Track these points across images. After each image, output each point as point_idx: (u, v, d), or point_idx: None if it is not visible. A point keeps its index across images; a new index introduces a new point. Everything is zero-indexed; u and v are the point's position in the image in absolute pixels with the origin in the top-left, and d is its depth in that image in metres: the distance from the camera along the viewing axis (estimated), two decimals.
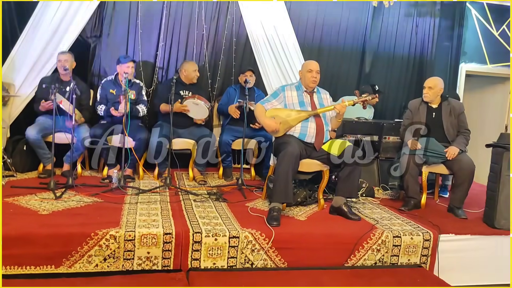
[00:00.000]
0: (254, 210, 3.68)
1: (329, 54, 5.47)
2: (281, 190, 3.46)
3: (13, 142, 4.48)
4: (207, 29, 5.08)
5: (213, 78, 5.24)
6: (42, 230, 2.86)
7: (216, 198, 3.97)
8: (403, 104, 5.75)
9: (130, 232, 2.93)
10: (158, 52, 4.99)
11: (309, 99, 3.87)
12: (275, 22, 5.11)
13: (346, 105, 3.70)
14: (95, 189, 3.96)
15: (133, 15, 4.89)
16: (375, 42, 5.58)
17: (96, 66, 4.93)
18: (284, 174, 3.46)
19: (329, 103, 3.96)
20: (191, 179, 4.69)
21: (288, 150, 3.47)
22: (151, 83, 5.05)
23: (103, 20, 4.85)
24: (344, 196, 3.68)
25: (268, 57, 5.21)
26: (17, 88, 4.59)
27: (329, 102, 3.98)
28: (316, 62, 3.90)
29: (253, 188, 4.44)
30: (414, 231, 3.39)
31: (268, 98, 3.92)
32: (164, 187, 4.16)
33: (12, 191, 3.71)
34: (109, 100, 4.51)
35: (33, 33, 4.57)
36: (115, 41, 4.91)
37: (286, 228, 3.28)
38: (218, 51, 5.19)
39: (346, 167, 3.64)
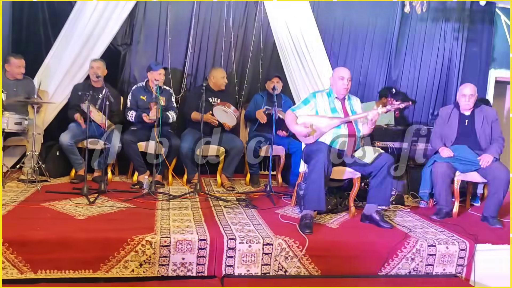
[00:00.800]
0: (285, 217, 3.67)
1: (356, 60, 5.45)
2: (313, 198, 3.45)
3: (46, 148, 4.57)
4: (235, 36, 5.12)
5: (240, 85, 5.28)
6: (80, 235, 2.91)
7: (245, 205, 3.98)
8: (431, 111, 5.70)
9: (166, 238, 2.95)
10: (187, 59, 5.06)
11: (340, 106, 3.85)
12: (302, 28, 5.11)
13: (379, 113, 3.68)
14: (126, 195, 4.01)
15: (163, 22, 4.97)
16: (403, 48, 5.55)
17: (126, 73, 5.01)
18: (316, 181, 3.45)
19: (361, 110, 3.94)
20: (219, 185, 4.71)
21: (320, 157, 3.47)
22: (180, 90, 5.11)
23: (133, 28, 4.94)
24: (376, 204, 3.65)
25: (295, 64, 5.21)
26: (50, 95, 4.69)
27: (361, 109, 3.96)
28: (347, 69, 3.88)
29: (281, 195, 4.44)
30: (449, 240, 3.34)
31: (299, 105, 3.92)
32: (194, 193, 4.19)
33: (48, 196, 3.78)
34: (140, 107, 4.57)
35: (66, 41, 4.68)
36: (145, 49, 4.99)
37: (319, 236, 3.27)
38: (246, 58, 5.22)
39: (379, 174, 3.61)
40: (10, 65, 4.33)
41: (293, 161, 4.80)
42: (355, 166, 3.74)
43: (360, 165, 3.71)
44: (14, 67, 4.33)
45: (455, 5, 5.50)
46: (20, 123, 4.12)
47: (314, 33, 5.15)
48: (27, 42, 4.81)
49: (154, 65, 4.59)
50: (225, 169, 4.73)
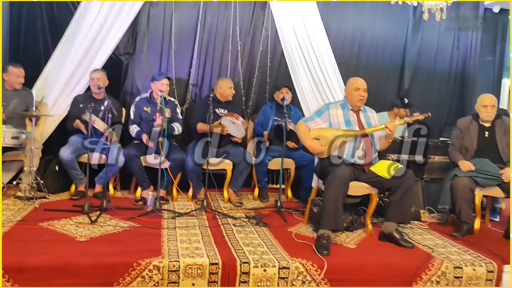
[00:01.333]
0: (299, 237, 3.46)
1: (367, 70, 5.27)
2: (330, 216, 3.25)
3: (45, 163, 4.36)
4: (241, 46, 4.95)
5: (248, 95, 5.09)
6: (83, 259, 2.69)
7: (256, 223, 3.77)
8: (444, 122, 5.52)
9: (174, 262, 2.74)
10: (192, 69, 4.86)
11: (355, 118, 3.67)
12: (311, 36, 4.94)
13: (397, 125, 3.49)
14: (130, 212, 3.80)
15: (167, 31, 4.79)
16: (415, 57, 5.38)
17: (128, 83, 4.81)
18: (333, 199, 3.25)
19: (376, 122, 3.76)
20: (226, 201, 4.50)
21: (338, 173, 3.27)
22: (184, 101, 4.91)
23: (136, 37, 4.75)
24: (395, 221, 3.45)
25: (303, 74, 5.03)
26: (49, 107, 4.49)
27: (376, 121, 3.77)
28: (363, 80, 3.71)
29: (292, 211, 4.23)
30: (475, 261, 3.14)
31: (312, 116, 3.72)
32: (200, 210, 3.97)
33: (46, 215, 3.57)
34: (143, 119, 4.36)
35: (66, 50, 4.48)
36: (148, 59, 4.80)
37: (337, 258, 3.06)
38: (253, 67, 5.04)
39: (398, 190, 3.41)
40: (9, 74, 4.11)
41: (304, 174, 4.60)
42: (372, 181, 3.54)
43: (377, 180, 3.50)
44: (13, 77, 4.11)
45: (469, 13, 5.33)
46: (18, 137, 3.91)
47: (323, 42, 4.99)
48: (25, 51, 4.60)
49: (158, 74, 4.40)
50: (233, 183, 4.52)
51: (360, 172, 3.55)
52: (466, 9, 5.34)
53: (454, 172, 3.93)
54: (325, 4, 5.04)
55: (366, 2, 5.16)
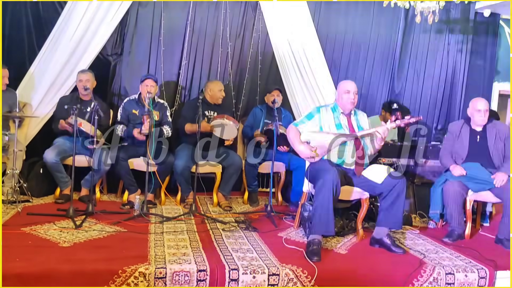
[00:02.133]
0: (289, 242, 3.40)
1: (358, 72, 5.23)
2: (321, 222, 3.19)
3: (29, 165, 4.25)
4: (231, 47, 4.87)
5: (238, 97, 5.01)
6: (65, 266, 2.59)
7: (245, 227, 3.70)
8: (434, 125, 5.49)
9: (161, 268, 2.65)
10: (181, 70, 4.78)
11: (346, 122, 3.61)
12: (302, 39, 4.90)
13: (388, 128, 3.45)
14: (116, 217, 3.71)
15: (156, 32, 4.70)
16: (406, 60, 5.35)
17: (116, 85, 4.72)
18: (324, 204, 3.18)
19: (368, 125, 3.71)
20: (215, 205, 4.42)
21: (328, 177, 3.21)
22: (174, 103, 4.82)
23: (124, 38, 4.65)
24: (387, 227, 3.40)
25: (294, 76, 4.98)
26: (34, 108, 4.38)
27: (368, 124, 3.73)
28: (353, 83, 3.66)
29: (282, 215, 4.16)
30: (467, 267, 3.09)
31: (302, 119, 3.66)
32: (189, 214, 3.89)
33: (29, 219, 3.46)
34: (131, 121, 4.27)
35: (52, 50, 4.39)
36: (137, 59, 4.71)
37: (328, 264, 2.99)
38: (243, 69, 4.97)
39: (389, 195, 3.36)
40: None
41: (294, 178, 4.54)
42: (363, 185, 3.49)
43: (369, 184, 3.46)
44: None
45: (459, 16, 5.32)
46: None
47: (314, 44, 4.95)
48: (10, 51, 4.45)
49: (144, 76, 4.32)
50: (222, 187, 4.44)
51: (351, 177, 3.50)
52: (457, 12, 5.33)
53: (445, 176, 3.90)
54: (316, 5, 4.99)
55: (358, 4, 5.12)
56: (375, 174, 3.45)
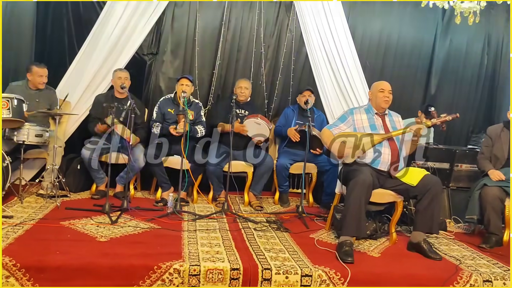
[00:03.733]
0: (321, 243, 3.38)
1: (392, 74, 5.15)
2: (352, 223, 3.16)
3: (67, 161, 4.36)
4: (265, 47, 4.89)
5: (270, 97, 5.02)
6: (104, 260, 2.66)
7: (277, 227, 3.70)
8: (471, 129, 5.36)
9: (195, 266, 2.69)
10: (215, 70, 4.82)
11: (381, 122, 3.57)
12: (336, 40, 4.85)
13: (423, 127, 3.37)
14: (150, 213, 3.78)
15: (191, 32, 4.76)
16: (442, 62, 5.23)
17: (151, 84, 4.79)
18: (355, 204, 3.16)
19: (402, 126, 3.65)
20: (246, 204, 4.44)
21: (359, 178, 3.18)
22: (207, 102, 4.87)
23: (160, 37, 4.73)
24: (423, 231, 3.34)
25: (327, 77, 4.95)
26: (72, 106, 4.50)
27: (402, 125, 3.67)
28: (387, 83, 3.61)
29: (314, 217, 4.15)
30: (505, 275, 3.01)
31: (336, 122, 3.64)
32: (221, 213, 3.93)
33: (68, 213, 3.57)
34: (166, 120, 4.35)
35: (91, 50, 4.49)
36: (172, 59, 4.77)
37: (361, 266, 2.97)
38: (276, 69, 4.98)
39: (424, 198, 3.30)
40: (32, 74, 4.12)
41: (326, 179, 4.52)
42: (397, 188, 3.44)
43: (403, 187, 3.40)
44: (36, 76, 4.13)
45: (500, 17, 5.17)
46: (41, 135, 3.91)
47: (348, 44, 4.89)
48: (51, 51, 4.63)
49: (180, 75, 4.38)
50: (253, 186, 4.46)
51: (385, 179, 3.45)
52: (497, 12, 5.18)
53: (483, 181, 3.80)
54: (351, 5, 4.94)
55: (394, 3, 5.04)
56: (410, 177, 3.39)
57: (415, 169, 3.49)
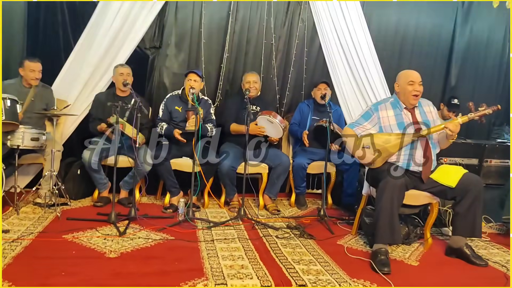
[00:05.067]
0: (351, 251, 3.08)
1: (410, 65, 4.77)
2: (386, 229, 2.86)
3: (66, 166, 4.01)
4: (276, 38, 4.54)
5: (282, 92, 4.68)
6: (117, 282, 2.33)
7: (300, 234, 3.40)
8: (493, 121, 5.08)
9: (222, 285, 2.37)
10: (223, 64, 4.47)
11: (410, 118, 3.21)
12: (351, 29, 4.54)
13: (460, 123, 3.06)
14: (160, 222, 3.46)
15: (196, 23, 4.39)
16: (463, 52, 4.93)
17: (154, 80, 4.43)
18: (387, 208, 2.85)
19: (434, 117, 3.29)
20: (262, 208, 4.12)
21: (391, 180, 2.87)
22: (215, 99, 4.52)
23: (163, 30, 4.36)
24: (465, 235, 3.05)
25: (343, 69, 4.63)
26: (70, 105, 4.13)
27: (434, 115, 3.30)
28: (417, 72, 3.27)
29: (336, 220, 3.85)
30: None
31: (359, 120, 3.29)
32: (237, 219, 3.61)
33: (70, 225, 3.22)
34: (173, 118, 4.00)
35: (88, 45, 4.13)
36: (176, 52, 4.41)
37: (402, 278, 2.67)
38: (288, 62, 4.64)
39: (465, 199, 3.00)
40: (25, 69, 3.75)
41: (346, 179, 4.21)
42: (433, 189, 3.13)
43: (440, 188, 3.10)
44: (28, 71, 3.73)
45: None
46: (37, 138, 3.53)
47: (364, 34, 4.58)
48: (44, 46, 4.22)
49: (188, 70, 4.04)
50: (269, 189, 4.13)
51: (418, 181, 3.13)
52: None
53: None
54: None
55: None
56: (446, 177, 3.09)
57: (450, 167, 3.19)
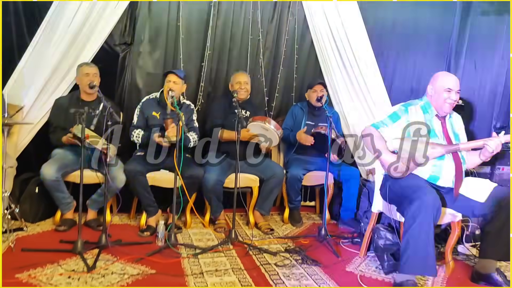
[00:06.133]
0: (366, 281, 2.63)
1: (408, 63, 4.46)
2: (418, 258, 2.41)
3: (21, 183, 3.39)
4: (263, 33, 4.05)
5: (270, 94, 4.20)
6: None
7: (302, 259, 2.92)
8: (493, 123, 4.75)
9: None
10: (204, 63, 3.93)
11: (440, 127, 2.81)
12: (346, 24, 4.11)
13: (502, 142, 2.64)
14: (137, 249, 2.92)
15: (173, 16, 3.85)
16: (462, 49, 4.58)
17: (125, 81, 3.86)
18: (422, 234, 2.40)
19: (463, 132, 2.94)
20: (253, 226, 3.62)
21: (427, 199, 2.42)
22: (196, 102, 3.99)
23: (135, 23, 3.80)
24: (496, 258, 2.64)
25: (336, 68, 4.21)
26: (25, 112, 3.52)
27: (463, 131, 2.95)
28: (456, 78, 2.85)
29: (338, 239, 3.39)
30: None
31: (385, 120, 2.83)
32: (226, 243, 3.10)
33: (26, 258, 2.63)
34: (150, 126, 3.45)
35: (46, 41, 3.51)
36: (150, 50, 3.85)
37: None
38: (277, 60, 4.16)
39: (497, 217, 2.59)
40: None
41: (346, 192, 3.77)
42: (460, 206, 2.72)
43: (467, 204, 2.68)
44: None
45: None
46: None
47: (360, 30, 4.16)
48: None
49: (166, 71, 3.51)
50: (260, 204, 3.64)
51: (448, 197, 2.71)
52: None
53: None
54: None
55: None
56: (475, 191, 2.68)
57: (476, 180, 2.79)
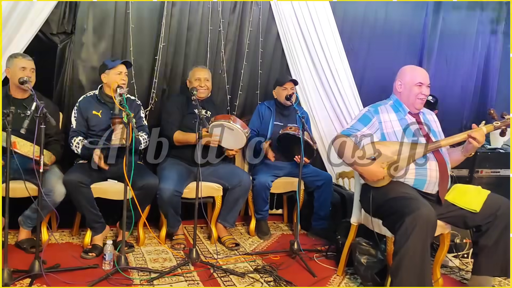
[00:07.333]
0: None
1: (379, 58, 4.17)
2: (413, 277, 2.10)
3: None
4: (225, 25, 3.63)
5: (233, 92, 3.79)
6: None
7: (274, 281, 2.55)
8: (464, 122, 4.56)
9: None
10: (158, 56, 3.45)
11: (416, 125, 2.54)
12: (314, 18, 3.79)
13: (485, 132, 2.40)
14: (79, 276, 2.45)
15: (121, 3, 3.34)
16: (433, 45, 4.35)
17: (66, 77, 3.33)
18: (418, 252, 2.09)
19: (439, 128, 2.67)
20: (215, 240, 3.20)
21: (422, 212, 2.10)
22: (148, 100, 3.52)
23: (76, 10, 3.27)
24: (493, 274, 2.38)
25: (304, 62, 3.88)
26: None
27: (439, 127, 2.68)
28: (425, 71, 2.64)
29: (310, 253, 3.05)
30: None
31: (355, 125, 2.53)
32: (187, 264, 2.68)
33: None
34: (91, 128, 2.94)
35: None
36: (95, 41, 3.34)
37: None
38: (240, 54, 3.74)
39: (493, 229, 2.32)
40: None
41: (317, 199, 3.44)
42: (450, 216, 2.43)
43: (459, 214, 2.40)
44: None
45: None
46: None
47: (329, 23, 3.85)
48: None
49: (110, 61, 3.01)
50: (224, 216, 3.22)
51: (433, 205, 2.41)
52: None
53: None
54: None
55: None
56: (466, 199, 2.41)
57: (467, 187, 2.52)
